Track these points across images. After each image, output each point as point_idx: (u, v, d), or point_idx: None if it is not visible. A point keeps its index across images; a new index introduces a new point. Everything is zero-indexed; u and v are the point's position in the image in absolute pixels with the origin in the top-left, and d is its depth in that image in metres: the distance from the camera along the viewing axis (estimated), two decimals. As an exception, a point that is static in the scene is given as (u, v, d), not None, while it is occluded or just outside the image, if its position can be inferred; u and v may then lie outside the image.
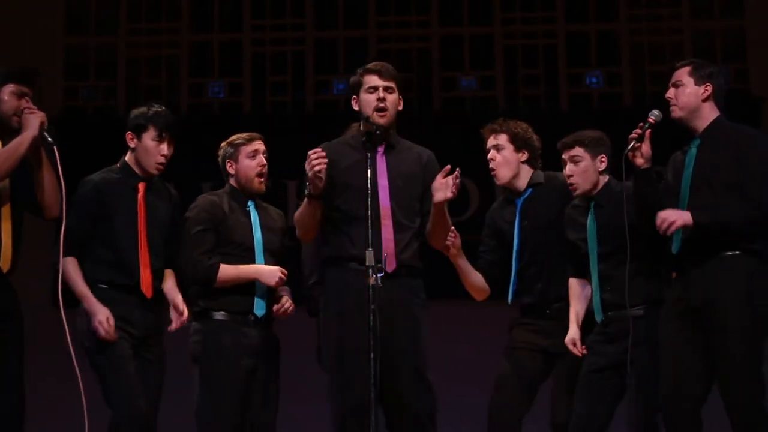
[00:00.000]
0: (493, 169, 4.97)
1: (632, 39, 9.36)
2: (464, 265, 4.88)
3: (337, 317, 4.36)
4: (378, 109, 4.46)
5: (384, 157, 4.46)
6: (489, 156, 4.98)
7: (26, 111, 4.35)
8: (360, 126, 4.52)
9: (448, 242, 4.61)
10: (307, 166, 4.25)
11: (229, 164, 4.96)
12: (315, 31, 9.50)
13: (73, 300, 4.56)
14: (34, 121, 4.33)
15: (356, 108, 4.54)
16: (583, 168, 4.79)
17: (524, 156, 4.99)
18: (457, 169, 4.32)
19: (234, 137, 5.01)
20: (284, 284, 4.85)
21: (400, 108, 4.57)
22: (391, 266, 4.33)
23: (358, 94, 4.53)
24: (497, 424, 4.80)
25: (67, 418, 4.54)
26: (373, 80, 4.50)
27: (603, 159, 4.81)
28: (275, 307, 4.84)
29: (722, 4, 9.37)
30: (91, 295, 4.53)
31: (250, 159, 4.92)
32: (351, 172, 4.43)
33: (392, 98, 4.50)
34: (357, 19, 9.51)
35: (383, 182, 4.40)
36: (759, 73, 9.09)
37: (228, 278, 4.76)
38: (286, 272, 4.80)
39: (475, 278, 4.94)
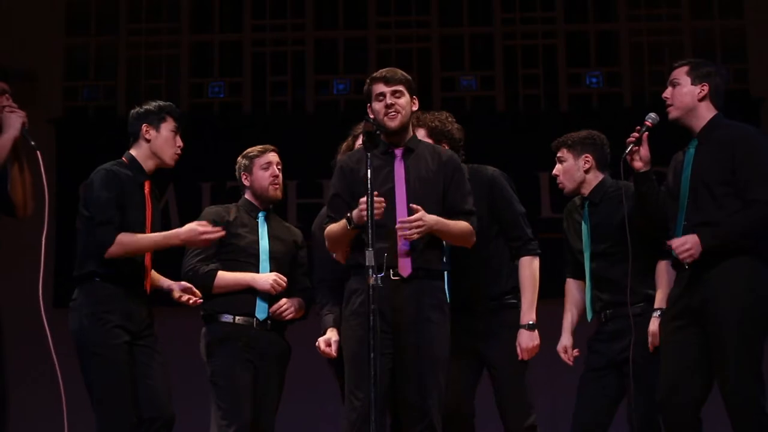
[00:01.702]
0: None
1: (632, 39, 9.36)
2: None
3: (354, 320, 4.37)
4: (386, 114, 4.46)
5: (402, 162, 4.46)
6: None
7: (7, 109, 4.27)
8: (380, 137, 4.55)
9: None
10: (358, 212, 4.23)
11: (244, 176, 5.07)
12: (315, 31, 9.50)
13: (67, 299, 4.55)
14: (15, 121, 4.25)
15: (372, 116, 4.52)
16: (565, 168, 4.85)
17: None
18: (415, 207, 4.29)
19: (249, 150, 5.11)
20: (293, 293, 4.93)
21: (415, 108, 4.57)
22: (405, 271, 4.34)
23: (371, 103, 4.54)
24: (453, 429, 4.70)
25: (67, 418, 4.53)
26: (379, 88, 4.49)
27: (587, 158, 4.83)
28: (272, 308, 4.89)
29: (722, 4, 9.37)
30: (167, 232, 4.58)
31: (263, 170, 5.03)
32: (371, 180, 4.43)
33: (402, 101, 4.49)
34: (357, 19, 9.50)
35: (401, 188, 4.41)
36: (759, 73, 9.09)
37: (225, 285, 4.87)
38: (284, 278, 4.85)
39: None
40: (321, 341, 4.72)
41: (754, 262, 4.27)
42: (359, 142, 4.85)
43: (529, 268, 4.73)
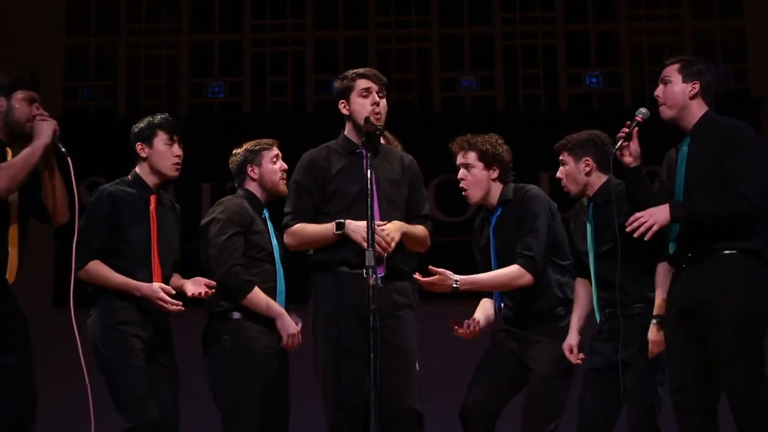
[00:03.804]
0: (465, 189, 4.90)
1: (632, 39, 9.37)
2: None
3: (330, 320, 4.38)
4: (374, 113, 4.46)
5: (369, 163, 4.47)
6: (459, 175, 4.90)
7: (38, 118, 4.40)
8: (344, 131, 4.58)
9: None
10: (359, 238, 4.24)
11: (251, 168, 5.01)
12: (315, 31, 9.51)
13: (82, 301, 4.57)
14: (47, 128, 4.37)
15: (345, 112, 4.53)
16: (567, 171, 4.86)
17: (495, 173, 4.90)
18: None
19: (254, 143, 5.05)
20: None
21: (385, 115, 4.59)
22: (380, 270, 4.35)
23: (347, 98, 4.52)
24: (471, 424, 4.79)
25: (68, 418, 4.55)
26: (366, 83, 4.50)
27: (587, 161, 4.82)
28: (283, 343, 4.84)
29: (722, 4, 9.37)
30: (131, 281, 4.58)
31: (272, 163, 5.00)
32: (340, 178, 4.45)
33: (384, 103, 4.52)
34: (357, 19, 9.51)
35: (372, 187, 4.41)
36: (759, 73, 9.10)
37: (254, 303, 4.78)
38: (300, 342, 4.81)
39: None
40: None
41: (751, 262, 4.26)
42: None
43: (510, 270, 4.76)
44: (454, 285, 4.64)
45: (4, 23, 8.97)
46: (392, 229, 4.34)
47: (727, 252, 4.26)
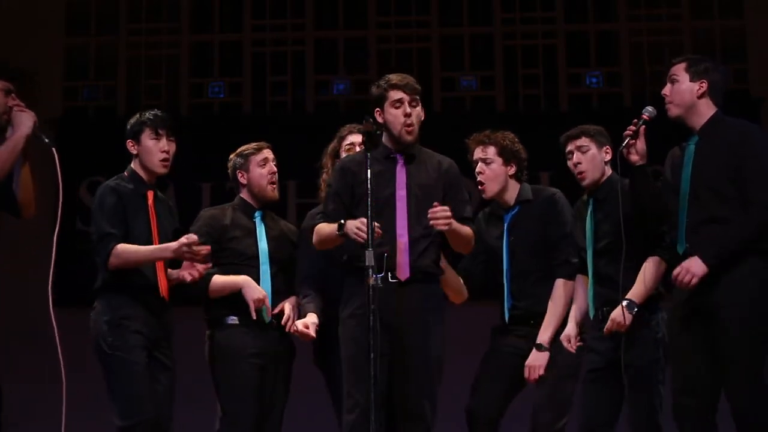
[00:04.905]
0: (482, 183, 4.89)
1: (632, 39, 9.37)
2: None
3: (353, 321, 4.40)
4: (406, 125, 4.49)
5: (404, 168, 4.51)
6: (477, 169, 4.90)
7: (16, 109, 4.30)
8: (381, 138, 4.57)
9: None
10: (358, 232, 4.23)
11: (240, 174, 5.02)
12: (315, 31, 9.51)
13: (72, 299, 4.57)
14: (27, 120, 4.29)
15: (381, 121, 4.54)
16: (591, 156, 4.82)
17: (512, 169, 4.91)
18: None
19: (243, 148, 5.06)
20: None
21: (422, 118, 4.60)
22: (404, 275, 4.39)
23: (382, 107, 4.54)
24: (476, 425, 4.79)
25: (63, 416, 4.55)
26: (398, 95, 4.52)
27: (608, 150, 4.83)
28: (283, 321, 4.86)
29: (722, 4, 9.37)
30: (158, 246, 4.59)
31: (260, 167, 4.99)
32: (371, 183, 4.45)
33: (417, 111, 4.55)
34: (357, 19, 9.51)
35: (402, 193, 4.45)
36: (759, 73, 9.10)
37: (218, 288, 4.83)
38: (266, 300, 4.81)
39: (454, 278, 4.84)
40: (299, 323, 4.75)
41: (763, 262, 4.24)
42: (346, 142, 4.90)
43: (560, 290, 4.78)
44: (543, 349, 4.71)
45: (4, 23, 8.97)
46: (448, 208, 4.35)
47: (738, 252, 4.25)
